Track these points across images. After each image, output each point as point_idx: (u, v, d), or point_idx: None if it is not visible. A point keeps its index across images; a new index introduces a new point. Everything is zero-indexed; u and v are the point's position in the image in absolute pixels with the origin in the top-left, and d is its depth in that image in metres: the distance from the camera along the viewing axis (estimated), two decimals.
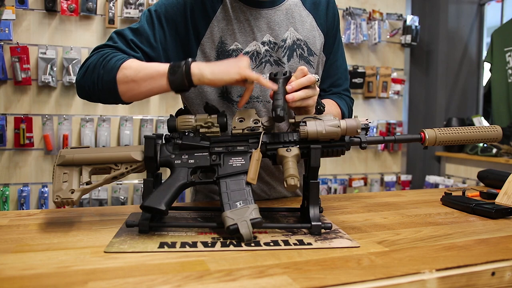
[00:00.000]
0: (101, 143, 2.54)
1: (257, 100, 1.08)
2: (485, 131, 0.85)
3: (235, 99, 1.07)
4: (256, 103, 1.08)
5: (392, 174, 3.42)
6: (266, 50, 1.07)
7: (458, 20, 3.39)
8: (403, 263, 0.64)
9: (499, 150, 2.85)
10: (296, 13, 1.10)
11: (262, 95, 1.08)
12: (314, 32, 1.13)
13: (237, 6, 1.05)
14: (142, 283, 0.54)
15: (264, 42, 1.07)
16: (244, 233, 0.71)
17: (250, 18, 1.06)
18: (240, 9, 1.05)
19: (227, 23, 1.04)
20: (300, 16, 1.11)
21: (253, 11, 1.06)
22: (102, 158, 0.81)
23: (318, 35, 1.13)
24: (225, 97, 1.07)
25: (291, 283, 0.55)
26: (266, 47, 1.07)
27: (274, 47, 1.08)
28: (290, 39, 1.09)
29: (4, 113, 2.39)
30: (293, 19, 1.10)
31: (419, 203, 1.11)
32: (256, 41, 1.06)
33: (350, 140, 0.83)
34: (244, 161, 0.80)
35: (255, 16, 1.06)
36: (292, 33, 1.10)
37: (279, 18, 1.08)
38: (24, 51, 2.36)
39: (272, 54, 1.08)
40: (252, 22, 1.06)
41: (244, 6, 1.05)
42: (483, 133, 0.85)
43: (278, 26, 1.08)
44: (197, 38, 1.04)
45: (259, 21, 1.07)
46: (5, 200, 2.37)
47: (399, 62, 3.41)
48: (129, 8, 2.54)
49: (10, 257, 0.64)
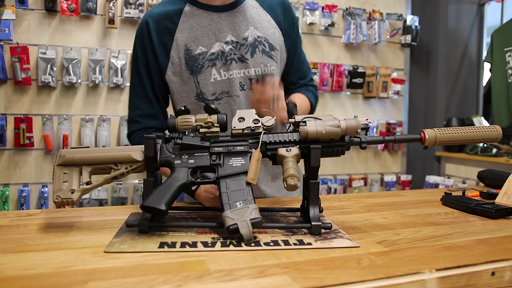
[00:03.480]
0: (101, 143, 2.54)
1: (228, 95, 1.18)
2: (485, 131, 0.85)
3: (210, 98, 1.17)
4: (227, 98, 1.18)
5: (392, 174, 3.42)
6: (230, 49, 1.17)
7: (458, 20, 3.39)
8: (403, 263, 0.64)
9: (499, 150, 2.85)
10: (254, 14, 1.21)
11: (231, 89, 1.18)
12: (274, 30, 1.23)
13: (198, 14, 1.16)
14: (142, 283, 0.54)
15: (227, 41, 1.17)
16: (244, 233, 0.71)
17: (212, 22, 1.16)
18: (201, 16, 1.16)
19: (190, 31, 1.15)
20: (259, 16, 1.21)
21: (214, 16, 1.17)
22: (102, 158, 0.81)
23: (277, 32, 1.23)
24: (200, 98, 1.17)
25: (291, 283, 0.55)
26: (230, 46, 1.17)
27: (236, 46, 1.17)
28: (251, 37, 1.18)
29: (4, 113, 2.40)
30: (252, 19, 1.20)
31: (419, 203, 1.11)
32: (219, 42, 1.16)
33: (350, 140, 0.83)
34: (244, 161, 0.80)
35: (216, 20, 1.17)
36: (252, 31, 1.19)
37: (238, 19, 1.18)
38: (24, 51, 2.36)
39: (236, 52, 1.17)
40: (214, 26, 1.16)
41: (205, 12, 1.16)
42: (483, 133, 0.85)
43: (238, 26, 1.18)
44: (166, 53, 1.16)
45: (220, 24, 1.17)
46: (5, 200, 2.37)
47: (399, 62, 3.41)
48: (129, 8, 2.54)
49: (10, 257, 0.64)
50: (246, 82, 1.18)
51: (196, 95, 1.17)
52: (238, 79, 1.18)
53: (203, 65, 1.15)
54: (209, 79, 1.16)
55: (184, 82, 1.17)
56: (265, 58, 1.19)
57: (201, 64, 1.15)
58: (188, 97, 1.17)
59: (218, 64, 1.16)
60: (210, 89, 1.16)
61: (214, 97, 1.17)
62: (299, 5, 2.99)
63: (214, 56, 1.16)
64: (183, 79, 1.16)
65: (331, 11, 3.09)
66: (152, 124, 1.19)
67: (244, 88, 1.19)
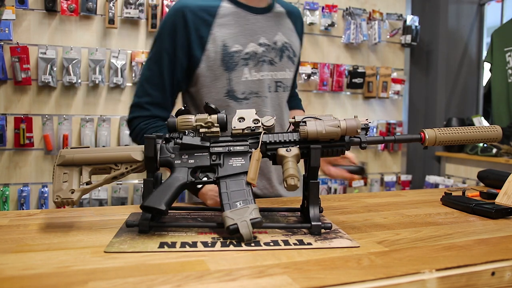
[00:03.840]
0: (101, 143, 2.54)
1: (257, 95, 1.20)
2: (485, 131, 0.85)
3: (239, 97, 1.17)
4: (255, 98, 1.19)
5: (392, 174, 3.42)
6: (262, 50, 1.19)
7: (458, 20, 3.39)
8: (403, 263, 0.64)
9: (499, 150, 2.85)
10: (282, 20, 1.27)
11: (260, 90, 1.20)
12: (295, 37, 1.31)
13: (235, 12, 1.17)
14: (142, 283, 0.54)
15: (260, 43, 1.19)
16: (244, 233, 0.71)
17: (248, 22, 1.18)
18: (238, 15, 1.18)
19: (227, 28, 1.15)
20: (285, 23, 1.28)
21: (250, 16, 1.19)
22: (102, 158, 0.81)
23: (297, 40, 1.32)
24: (230, 96, 1.17)
25: (291, 283, 0.55)
26: (263, 48, 1.20)
27: (268, 48, 1.21)
28: (279, 42, 1.24)
29: (4, 113, 2.40)
30: (280, 25, 1.25)
31: (419, 203, 1.11)
32: (253, 42, 1.18)
33: (350, 140, 0.83)
34: (244, 161, 0.80)
35: (252, 20, 1.19)
36: (280, 36, 1.24)
37: (270, 23, 1.23)
38: (24, 51, 2.36)
39: (267, 55, 1.21)
40: (250, 26, 1.18)
41: (243, 11, 1.18)
42: (483, 133, 0.85)
43: (270, 30, 1.22)
44: (202, 46, 1.14)
45: (255, 25, 1.19)
46: (5, 200, 2.37)
47: (399, 62, 3.41)
48: (129, 8, 2.54)
49: (10, 257, 0.64)
50: (272, 84, 1.22)
51: (226, 92, 1.17)
52: (267, 80, 1.21)
53: (237, 63, 1.16)
54: (240, 78, 1.17)
55: (216, 78, 1.15)
56: (289, 63, 1.25)
57: (235, 62, 1.16)
58: (218, 93, 1.16)
59: (250, 64, 1.17)
60: (241, 87, 1.17)
61: (244, 96, 1.18)
62: (299, 5, 2.99)
63: (248, 56, 1.17)
64: (215, 75, 1.15)
65: (331, 11, 3.09)
66: (159, 113, 1.16)
67: (271, 90, 1.22)
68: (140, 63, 2.56)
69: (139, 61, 2.56)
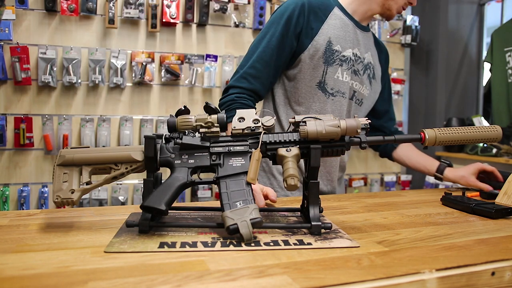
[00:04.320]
0: (101, 143, 2.54)
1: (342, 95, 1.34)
2: (485, 131, 0.85)
3: (329, 91, 1.32)
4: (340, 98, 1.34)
5: (392, 174, 3.42)
6: (355, 59, 1.36)
7: (458, 20, 3.39)
8: (403, 263, 0.64)
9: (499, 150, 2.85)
10: (371, 43, 1.45)
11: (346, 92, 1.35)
12: (378, 63, 1.47)
13: (343, 19, 1.34)
14: (142, 283, 0.54)
15: (354, 53, 1.36)
16: (244, 233, 0.71)
17: (351, 31, 1.35)
18: (345, 22, 1.34)
19: (335, 29, 1.32)
20: (373, 47, 1.46)
21: (353, 27, 1.36)
22: (102, 158, 0.81)
23: (378, 66, 1.48)
24: (320, 87, 1.32)
25: (291, 283, 0.55)
26: (354, 58, 1.36)
27: (358, 60, 1.37)
28: (367, 59, 1.41)
29: (4, 113, 2.39)
30: (370, 47, 1.44)
31: (419, 203, 1.11)
32: (351, 49, 1.35)
33: (350, 140, 0.83)
34: (244, 161, 0.80)
35: (354, 31, 1.36)
36: (368, 56, 1.42)
37: (365, 41, 1.41)
38: (24, 51, 2.36)
39: (356, 65, 1.37)
40: (352, 35, 1.35)
41: (348, 20, 1.36)
42: (483, 133, 0.85)
43: (363, 46, 1.40)
44: (311, 36, 1.29)
45: (355, 36, 1.37)
46: (5, 200, 2.37)
47: (399, 62, 3.40)
48: (129, 8, 2.54)
49: (10, 257, 0.64)
50: (350, 92, 1.37)
51: (318, 82, 1.31)
52: (351, 87, 1.36)
53: (335, 61, 1.31)
54: (334, 75, 1.32)
55: (314, 67, 1.30)
56: (367, 81, 1.41)
57: (334, 59, 1.31)
58: (311, 80, 1.31)
59: (344, 66, 1.33)
60: (331, 83, 1.32)
61: (332, 92, 1.33)
62: None
63: (344, 58, 1.33)
64: (315, 64, 1.30)
65: None
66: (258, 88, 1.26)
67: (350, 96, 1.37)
68: (140, 63, 2.56)
69: (139, 61, 2.56)
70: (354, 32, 1.36)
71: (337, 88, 1.33)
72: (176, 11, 2.60)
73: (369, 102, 1.46)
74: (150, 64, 2.58)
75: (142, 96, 2.65)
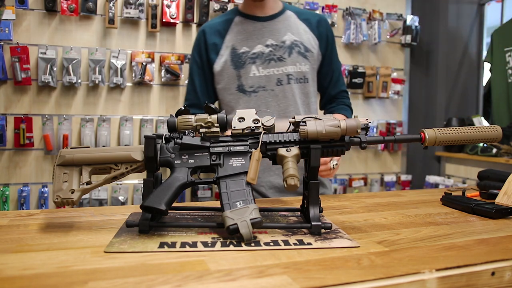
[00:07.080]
0: (101, 143, 2.54)
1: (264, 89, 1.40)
2: (485, 131, 0.85)
3: (248, 90, 1.40)
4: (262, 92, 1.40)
5: (392, 174, 3.42)
6: (270, 50, 1.42)
7: (458, 20, 3.39)
8: (403, 263, 0.64)
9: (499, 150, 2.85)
10: (291, 22, 1.46)
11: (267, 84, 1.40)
12: (308, 35, 1.47)
13: (245, 22, 1.44)
14: (142, 283, 0.54)
15: (267, 44, 1.42)
16: (244, 233, 0.71)
17: (255, 29, 1.43)
18: (247, 24, 1.43)
19: (237, 35, 1.42)
20: (295, 24, 1.47)
21: (257, 24, 1.44)
22: (102, 158, 0.81)
23: (312, 37, 1.47)
24: (240, 90, 1.41)
25: (291, 283, 0.55)
26: (270, 48, 1.42)
27: (276, 48, 1.42)
28: (288, 41, 1.43)
29: (4, 113, 2.39)
30: (290, 27, 1.45)
31: (419, 203, 1.11)
32: (261, 44, 1.42)
33: (350, 140, 0.83)
34: (244, 161, 0.80)
35: (259, 27, 1.43)
36: (289, 36, 1.44)
37: (278, 26, 1.44)
38: (24, 51, 2.36)
39: (275, 53, 1.41)
40: (257, 32, 1.43)
41: (250, 21, 1.44)
42: (483, 133, 0.85)
43: (278, 32, 1.44)
44: (216, 51, 1.43)
45: (262, 30, 1.43)
46: (5, 200, 2.37)
47: (399, 62, 3.40)
48: (129, 8, 2.54)
49: (10, 257, 0.64)
50: (283, 78, 1.41)
51: (237, 87, 1.41)
52: (276, 75, 1.41)
53: (245, 62, 1.40)
54: (249, 74, 1.40)
55: (228, 75, 1.42)
56: (300, 58, 1.42)
57: (243, 61, 1.41)
58: (230, 88, 1.42)
59: (257, 62, 1.40)
60: (249, 82, 1.40)
61: (252, 90, 1.41)
62: (299, 5, 2.99)
63: (255, 55, 1.40)
64: (227, 73, 1.42)
65: (331, 11, 3.09)
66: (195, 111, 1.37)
67: (281, 83, 1.41)
68: (140, 63, 2.56)
69: (139, 61, 2.56)
70: (260, 28, 1.43)
71: (257, 84, 1.40)
72: (176, 11, 2.60)
73: (315, 72, 1.49)
74: (150, 64, 2.58)
75: (142, 96, 2.65)
